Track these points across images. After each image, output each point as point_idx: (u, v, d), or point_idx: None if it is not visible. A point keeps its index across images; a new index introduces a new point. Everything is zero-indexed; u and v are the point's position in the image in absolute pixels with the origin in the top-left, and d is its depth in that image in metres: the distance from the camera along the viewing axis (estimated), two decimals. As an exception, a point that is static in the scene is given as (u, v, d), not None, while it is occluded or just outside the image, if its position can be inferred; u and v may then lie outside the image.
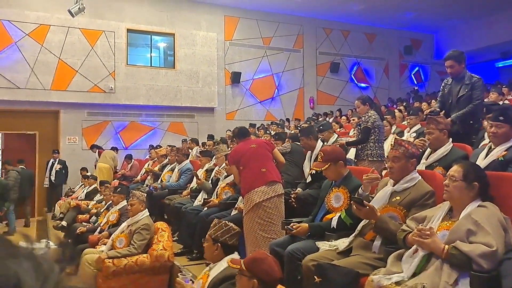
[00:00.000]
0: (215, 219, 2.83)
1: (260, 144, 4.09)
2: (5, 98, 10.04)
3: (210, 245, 2.66)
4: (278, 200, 3.85)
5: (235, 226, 2.83)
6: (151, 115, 11.99)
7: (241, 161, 4.00)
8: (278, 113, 13.58)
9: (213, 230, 2.70)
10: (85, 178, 9.19)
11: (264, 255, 2.24)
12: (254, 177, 3.85)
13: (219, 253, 2.65)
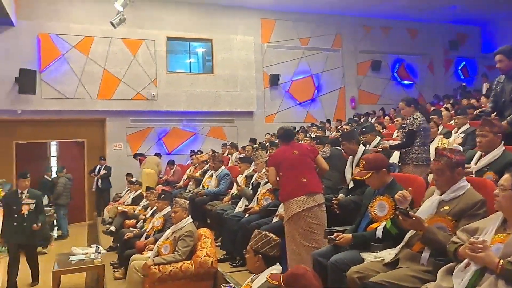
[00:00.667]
0: (255, 230, 2.81)
1: (302, 152, 3.93)
2: (56, 108, 10.55)
3: (252, 256, 2.65)
4: (319, 210, 3.77)
5: (275, 237, 2.80)
6: (192, 120, 12.22)
7: (281, 167, 3.95)
8: (318, 115, 13.44)
9: (253, 241, 2.69)
10: (131, 183, 9.48)
11: (303, 270, 2.18)
12: (293, 186, 3.79)
13: (261, 265, 2.64)
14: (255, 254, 2.64)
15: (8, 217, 5.77)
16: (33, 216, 5.77)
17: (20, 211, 5.66)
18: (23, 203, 5.67)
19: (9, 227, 5.73)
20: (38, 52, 10.49)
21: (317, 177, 3.93)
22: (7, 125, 10.45)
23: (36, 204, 5.77)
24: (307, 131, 10.69)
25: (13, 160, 10.50)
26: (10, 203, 5.75)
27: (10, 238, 5.74)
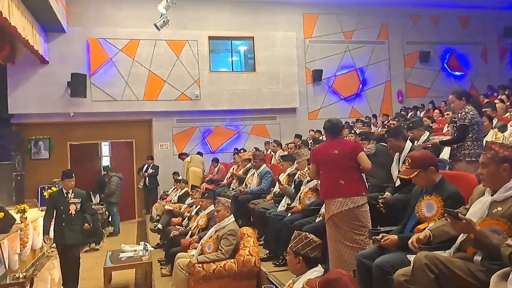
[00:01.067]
0: (295, 231, 2.75)
1: (344, 151, 3.73)
2: (106, 110, 10.99)
3: (292, 258, 2.60)
4: (359, 211, 3.63)
5: (316, 238, 2.72)
6: (235, 119, 12.30)
7: (321, 165, 3.87)
8: (363, 110, 13.10)
9: (293, 243, 2.63)
10: (177, 182, 9.69)
11: (338, 274, 2.08)
12: (332, 187, 3.69)
13: (302, 266, 2.58)
14: (296, 256, 2.58)
15: (55, 218, 5.61)
16: (79, 215, 5.61)
17: (68, 211, 5.51)
18: (70, 203, 5.52)
19: (57, 228, 5.56)
20: (88, 56, 10.97)
21: (358, 179, 3.72)
22: (61, 127, 11.01)
23: (81, 204, 5.64)
24: (352, 126, 10.46)
25: (67, 160, 11.05)
26: (57, 203, 5.58)
27: (60, 239, 5.53)
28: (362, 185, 3.76)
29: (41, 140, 10.92)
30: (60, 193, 5.70)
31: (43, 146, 10.92)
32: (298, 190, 4.99)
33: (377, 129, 9.31)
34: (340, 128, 3.94)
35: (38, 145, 10.89)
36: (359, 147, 3.87)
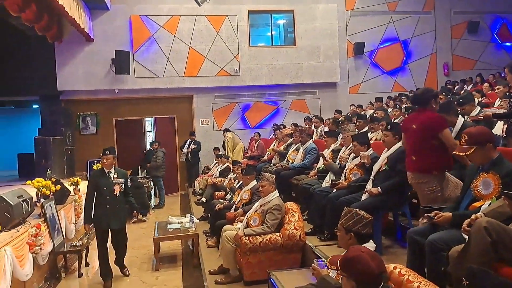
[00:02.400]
0: (345, 208, 2.76)
1: (422, 128, 3.50)
2: (149, 86, 11.25)
3: (343, 235, 2.62)
4: (425, 188, 3.51)
5: (367, 215, 2.73)
6: (274, 94, 12.25)
7: (403, 137, 3.89)
8: (407, 83, 12.71)
9: (344, 220, 2.64)
10: (218, 157, 9.87)
11: (357, 252, 2.07)
12: (407, 159, 3.70)
13: (353, 243, 2.60)
14: (347, 232, 2.60)
15: (96, 201, 5.10)
16: (123, 198, 5.16)
17: (112, 192, 5.01)
18: (114, 183, 5.02)
19: (99, 210, 5.05)
20: (130, 33, 11.17)
21: (431, 157, 3.47)
22: (107, 103, 11.38)
23: (124, 185, 5.15)
24: (395, 99, 10.19)
25: (113, 135, 11.47)
26: (99, 184, 5.03)
27: (103, 224, 5.04)
28: (436, 165, 3.47)
29: (89, 116, 11.36)
30: (102, 173, 5.10)
31: (90, 122, 11.36)
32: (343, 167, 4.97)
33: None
34: (424, 99, 3.60)
35: (86, 120, 11.34)
36: (440, 125, 3.49)
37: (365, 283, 1.99)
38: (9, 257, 4.11)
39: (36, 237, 4.81)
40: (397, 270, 2.55)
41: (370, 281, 1.99)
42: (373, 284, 2.00)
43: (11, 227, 4.65)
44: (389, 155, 4.23)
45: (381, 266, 2.06)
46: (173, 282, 5.12)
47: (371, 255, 2.07)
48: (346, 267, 2.05)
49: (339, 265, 2.09)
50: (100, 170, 5.20)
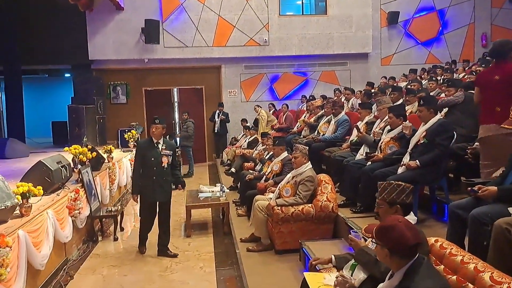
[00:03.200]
0: (384, 182, 2.69)
1: (505, 78, 3.46)
2: (177, 56, 11.24)
3: (387, 209, 2.56)
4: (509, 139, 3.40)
5: (408, 183, 2.69)
6: (303, 65, 12.06)
7: (481, 90, 3.75)
8: (442, 55, 12.28)
9: (385, 194, 2.58)
10: (246, 128, 9.88)
11: (394, 221, 2.04)
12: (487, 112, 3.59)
13: (399, 215, 2.57)
14: (391, 206, 2.55)
15: (143, 170, 4.85)
16: (169, 170, 4.90)
17: (160, 164, 4.77)
18: (162, 155, 4.79)
19: (145, 182, 4.82)
20: (160, 2, 11.09)
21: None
22: (137, 73, 11.48)
23: (172, 157, 4.91)
24: (429, 72, 9.87)
25: (143, 105, 11.61)
26: (147, 154, 4.80)
27: (149, 195, 4.83)
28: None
29: (119, 86, 11.50)
30: (150, 143, 4.84)
31: (120, 91, 11.52)
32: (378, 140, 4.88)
33: (458, 76, 8.70)
34: (505, 51, 3.55)
35: (116, 90, 11.50)
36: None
37: (399, 252, 1.98)
38: (51, 219, 4.29)
39: (75, 201, 4.99)
40: (438, 243, 2.52)
41: (404, 251, 1.98)
42: (407, 255, 1.99)
43: (51, 192, 4.83)
44: (427, 128, 4.13)
45: (418, 238, 2.03)
46: (205, 248, 5.25)
47: (407, 225, 2.05)
48: (381, 235, 2.03)
49: (374, 233, 2.08)
50: (148, 141, 4.93)
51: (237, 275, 4.39)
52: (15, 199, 3.83)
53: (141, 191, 4.89)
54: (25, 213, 3.94)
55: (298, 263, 4.33)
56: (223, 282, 4.28)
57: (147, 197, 4.86)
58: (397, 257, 1.98)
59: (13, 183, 4.10)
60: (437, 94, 6.70)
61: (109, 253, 5.24)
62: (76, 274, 4.56)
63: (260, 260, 4.59)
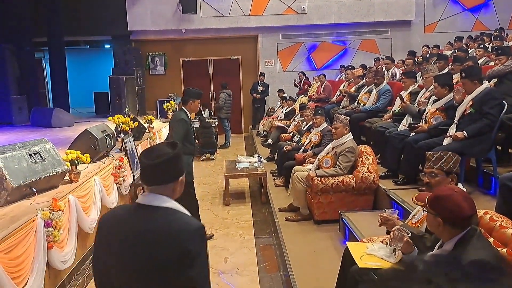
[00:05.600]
0: (440, 152, 2.62)
1: None
2: (214, 26, 11.18)
3: (443, 179, 2.49)
4: None
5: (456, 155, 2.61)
6: (342, 33, 11.72)
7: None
8: (490, 22, 11.56)
9: (443, 163, 2.50)
10: (284, 99, 9.80)
11: (450, 191, 1.99)
12: None
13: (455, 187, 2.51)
14: (448, 175, 2.49)
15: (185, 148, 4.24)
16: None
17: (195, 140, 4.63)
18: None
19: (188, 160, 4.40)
20: (196, -29, 10.98)
21: None
22: (174, 44, 11.54)
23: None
24: (475, 39, 9.36)
25: (180, 76, 11.72)
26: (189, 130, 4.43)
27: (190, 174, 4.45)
28: None
29: (157, 56, 11.63)
30: (188, 119, 4.43)
31: (159, 62, 11.65)
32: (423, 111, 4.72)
33: (507, 44, 8.20)
34: None
35: (154, 60, 11.64)
36: None
37: (453, 222, 1.93)
38: (98, 185, 4.47)
39: (120, 169, 5.17)
40: (487, 215, 2.45)
41: (458, 221, 1.93)
42: (461, 225, 1.94)
43: (97, 160, 5.02)
44: (474, 96, 3.95)
45: (474, 209, 1.98)
46: (244, 216, 5.36)
47: (464, 196, 2.00)
48: (436, 204, 1.98)
49: (428, 202, 2.03)
50: (186, 115, 4.42)
51: (276, 243, 4.47)
52: (65, 166, 4.01)
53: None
54: (74, 179, 4.13)
55: (337, 233, 4.35)
56: (262, 250, 4.38)
57: (189, 177, 4.30)
58: (450, 227, 1.94)
59: (61, 151, 4.28)
60: (485, 62, 6.37)
61: (152, 219, 5.43)
62: (122, 237, 4.77)
63: (298, 229, 4.63)
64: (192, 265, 1.43)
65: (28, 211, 3.21)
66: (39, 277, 3.01)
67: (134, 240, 1.47)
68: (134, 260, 1.46)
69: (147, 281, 1.45)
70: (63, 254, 3.44)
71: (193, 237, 1.46)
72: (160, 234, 1.45)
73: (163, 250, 1.43)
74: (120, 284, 1.50)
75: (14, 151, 3.59)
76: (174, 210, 1.52)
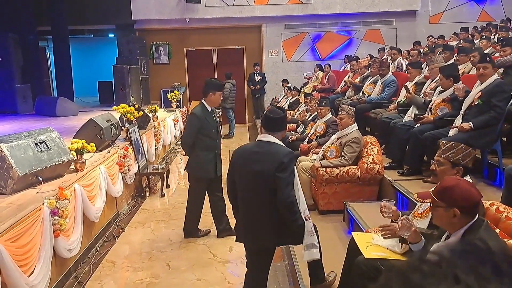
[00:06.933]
0: (451, 142, 2.59)
1: None
2: (218, 16, 11.11)
3: (448, 169, 2.48)
4: None
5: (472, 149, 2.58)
6: (347, 23, 11.63)
7: None
8: (495, 12, 11.43)
9: (451, 154, 2.49)
10: (288, 89, 9.76)
11: (455, 180, 1.98)
12: None
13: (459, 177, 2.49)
14: (453, 167, 2.47)
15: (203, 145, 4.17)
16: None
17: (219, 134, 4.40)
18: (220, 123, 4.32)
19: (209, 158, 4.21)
20: (201, -41, 10.88)
21: None
22: (178, 33, 11.49)
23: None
24: (481, 31, 9.27)
25: (184, 65, 11.68)
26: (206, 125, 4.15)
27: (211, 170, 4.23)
28: None
29: (161, 46, 11.59)
30: (205, 111, 4.14)
31: (163, 51, 11.61)
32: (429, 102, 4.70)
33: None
34: None
35: (159, 50, 11.60)
36: None
37: (467, 210, 1.91)
38: (103, 175, 4.50)
39: (125, 158, 5.19)
40: (494, 206, 2.45)
41: (471, 208, 1.91)
42: (472, 212, 1.92)
43: (102, 149, 5.03)
44: (483, 88, 3.92)
45: (480, 194, 1.97)
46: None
47: (468, 183, 2.00)
48: (446, 195, 1.94)
49: (437, 195, 1.98)
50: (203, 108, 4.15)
51: (280, 233, 4.48)
52: (70, 155, 4.03)
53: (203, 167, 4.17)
54: (79, 168, 4.15)
55: (342, 224, 4.36)
56: (267, 239, 4.39)
57: (210, 173, 4.20)
58: (464, 215, 1.90)
59: (65, 140, 4.29)
60: (491, 53, 6.31)
61: (157, 208, 5.47)
62: (127, 226, 4.82)
63: (303, 218, 4.63)
64: (283, 171, 2.52)
65: (35, 200, 3.24)
66: (45, 265, 3.05)
67: (253, 157, 2.63)
68: (253, 166, 2.60)
69: (257, 182, 2.59)
70: (69, 243, 3.48)
71: (285, 155, 2.56)
72: (268, 154, 2.59)
73: (268, 162, 2.56)
74: (241, 186, 2.70)
75: (20, 140, 3.60)
76: (277, 144, 2.64)
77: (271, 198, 2.54)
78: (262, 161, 2.57)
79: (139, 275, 3.69)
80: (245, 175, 2.65)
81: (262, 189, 2.57)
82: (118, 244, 4.37)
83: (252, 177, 2.60)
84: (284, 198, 2.50)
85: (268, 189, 2.55)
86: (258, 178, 2.58)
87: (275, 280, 3.56)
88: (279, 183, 2.50)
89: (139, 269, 3.80)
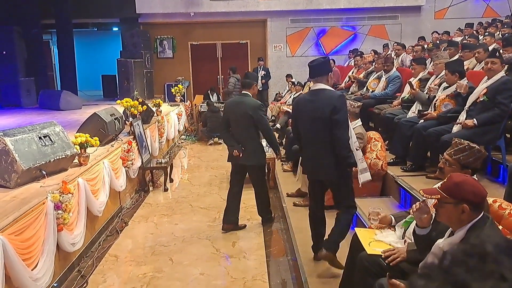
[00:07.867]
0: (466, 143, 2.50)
1: None
2: (223, 10, 11.07)
3: (456, 169, 2.44)
4: None
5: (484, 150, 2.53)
6: (352, 19, 11.56)
7: None
8: (501, 8, 11.35)
9: (462, 156, 2.42)
10: (292, 84, 9.73)
11: (461, 177, 1.97)
12: None
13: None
14: (463, 168, 2.42)
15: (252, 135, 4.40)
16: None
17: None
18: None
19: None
20: (205, -47, 10.84)
21: None
22: (182, 27, 11.47)
23: None
24: (486, 27, 9.19)
25: (189, 59, 11.67)
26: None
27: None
28: None
29: (165, 40, 11.58)
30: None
31: (167, 45, 11.60)
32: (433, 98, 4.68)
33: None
34: None
35: (163, 44, 11.59)
36: None
37: (477, 205, 1.89)
38: (107, 169, 4.51)
39: (128, 152, 5.21)
40: (497, 203, 2.44)
41: (480, 204, 1.90)
42: (480, 208, 1.90)
43: (105, 143, 5.05)
44: (489, 85, 3.90)
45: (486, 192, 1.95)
46: (251, 201, 5.33)
47: (475, 179, 2.01)
48: (455, 191, 1.91)
49: (445, 191, 1.94)
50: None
51: (283, 228, 4.50)
52: (74, 149, 4.04)
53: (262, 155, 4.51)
54: (83, 162, 4.17)
55: (344, 219, 4.35)
56: (270, 234, 4.41)
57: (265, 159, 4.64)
58: (473, 211, 1.88)
59: (69, 134, 4.30)
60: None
61: (160, 203, 5.48)
62: (130, 221, 4.83)
63: (306, 214, 4.58)
64: (337, 113, 3.01)
65: (38, 194, 3.25)
66: (49, 259, 3.07)
67: (309, 105, 3.18)
68: (311, 113, 3.14)
69: (317, 123, 3.12)
70: (72, 237, 3.50)
71: (338, 99, 3.07)
72: (322, 99, 3.10)
73: (324, 106, 3.06)
74: (304, 128, 3.29)
75: (24, 134, 3.61)
76: (329, 89, 3.16)
77: (329, 138, 3.09)
78: (317, 108, 3.09)
79: (142, 269, 3.71)
80: (306, 120, 3.23)
81: (321, 131, 3.11)
82: (121, 238, 4.39)
83: (311, 121, 3.16)
84: (338, 136, 3.05)
85: (326, 130, 3.08)
86: (317, 123, 3.12)
87: (278, 275, 3.58)
88: (334, 124, 3.03)
89: (142, 263, 3.82)
